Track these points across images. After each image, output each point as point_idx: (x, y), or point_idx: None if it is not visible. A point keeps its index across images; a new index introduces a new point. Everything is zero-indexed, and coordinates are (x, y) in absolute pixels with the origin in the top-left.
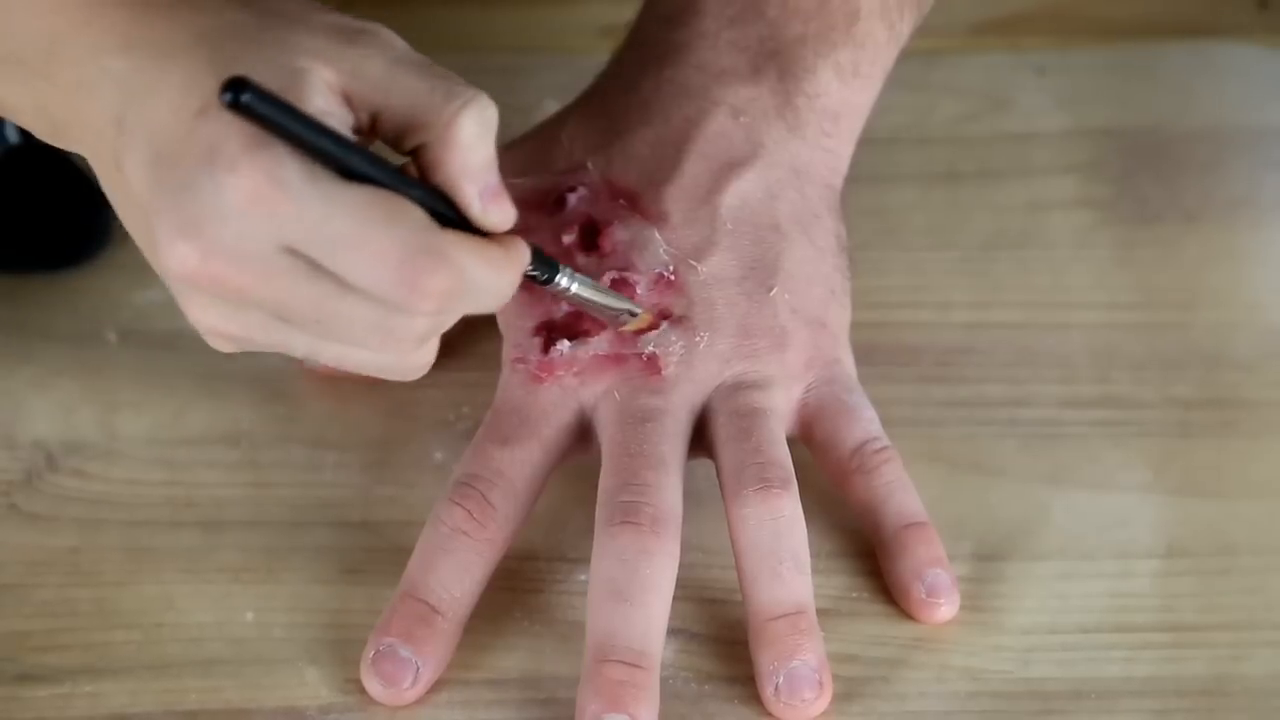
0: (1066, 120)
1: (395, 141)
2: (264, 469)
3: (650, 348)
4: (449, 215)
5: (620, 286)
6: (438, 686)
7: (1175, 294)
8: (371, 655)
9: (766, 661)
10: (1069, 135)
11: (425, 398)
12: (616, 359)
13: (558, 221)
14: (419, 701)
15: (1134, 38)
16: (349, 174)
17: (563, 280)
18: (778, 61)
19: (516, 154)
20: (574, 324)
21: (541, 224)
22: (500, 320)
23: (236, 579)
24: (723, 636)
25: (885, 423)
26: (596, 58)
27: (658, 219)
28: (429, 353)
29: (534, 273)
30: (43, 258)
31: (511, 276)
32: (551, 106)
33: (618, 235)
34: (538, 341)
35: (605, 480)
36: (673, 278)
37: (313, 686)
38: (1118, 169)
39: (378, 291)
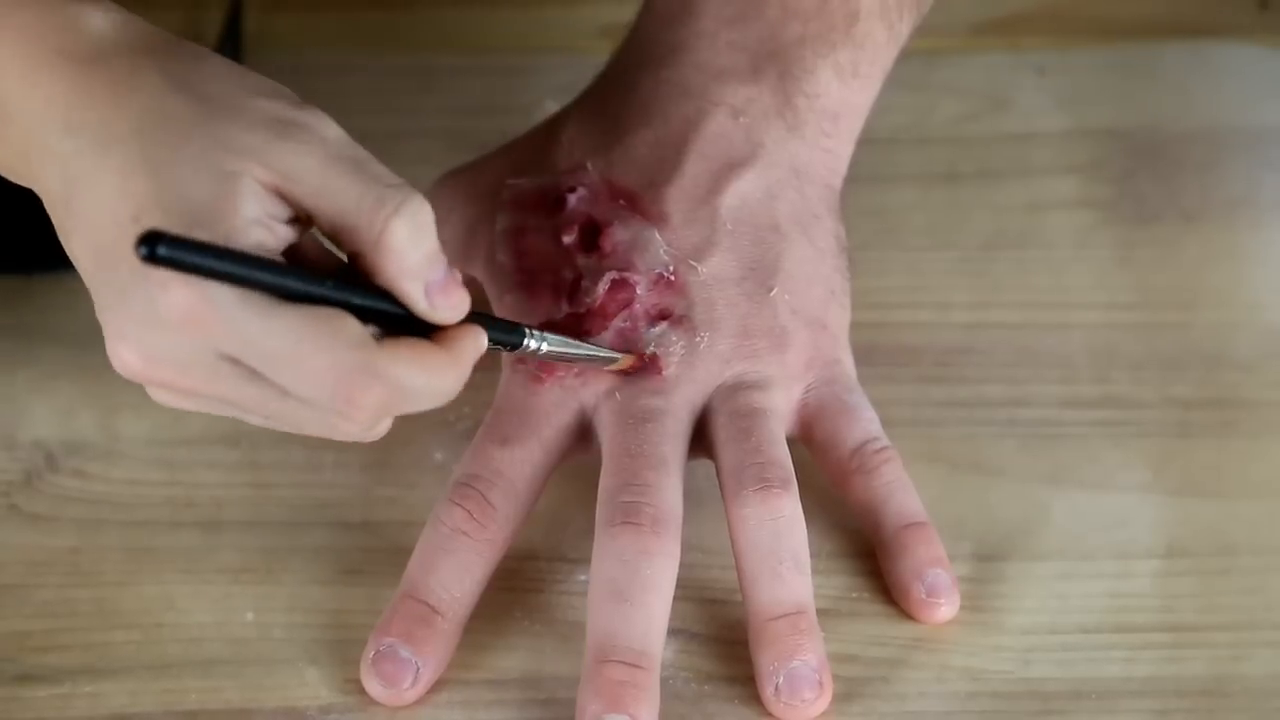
0: (1066, 120)
1: (333, 240)
2: (263, 470)
3: (651, 348)
4: (398, 313)
5: (621, 287)
6: (437, 686)
7: (1175, 294)
8: (372, 655)
9: (767, 661)
10: (1069, 135)
11: None
12: None
13: (558, 222)
14: (419, 702)
15: (1134, 38)
16: (286, 294)
17: (530, 344)
18: (777, 62)
19: (516, 154)
20: (574, 325)
21: (541, 224)
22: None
23: (236, 579)
24: (723, 637)
25: (885, 423)
26: (597, 58)
27: (658, 219)
28: (384, 427)
29: (499, 344)
30: (43, 258)
31: (454, 378)
32: (551, 106)
33: (618, 236)
34: None
35: (606, 480)
36: (673, 278)
37: (313, 687)
38: (1118, 169)
39: (316, 404)
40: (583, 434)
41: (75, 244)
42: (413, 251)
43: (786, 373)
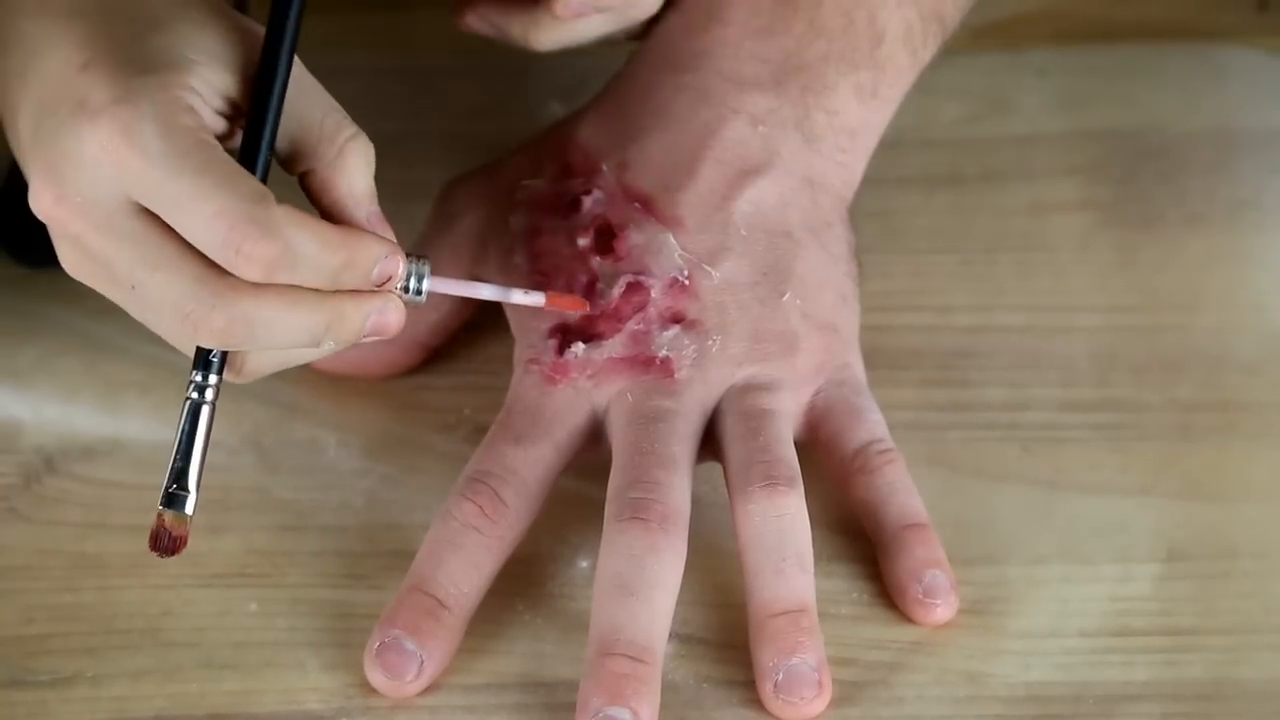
0: (1068, 122)
1: (284, 162)
2: (264, 470)
3: (664, 351)
4: None
5: (636, 290)
6: (438, 682)
7: (1177, 296)
8: (376, 646)
9: (767, 658)
10: (1070, 137)
11: (427, 399)
12: (630, 362)
13: (572, 224)
14: (420, 695)
15: (1134, 39)
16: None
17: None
18: (800, 76)
19: (531, 155)
20: (588, 327)
21: (556, 226)
22: (512, 322)
23: (237, 580)
24: (724, 638)
25: (887, 426)
26: (601, 60)
27: (672, 223)
28: (253, 366)
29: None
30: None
31: (344, 257)
32: (556, 108)
33: (633, 239)
34: (552, 344)
35: (615, 478)
36: (687, 282)
37: (315, 686)
38: (1119, 171)
39: (209, 250)
40: (594, 435)
41: (20, 113)
42: (363, 178)
43: (796, 376)
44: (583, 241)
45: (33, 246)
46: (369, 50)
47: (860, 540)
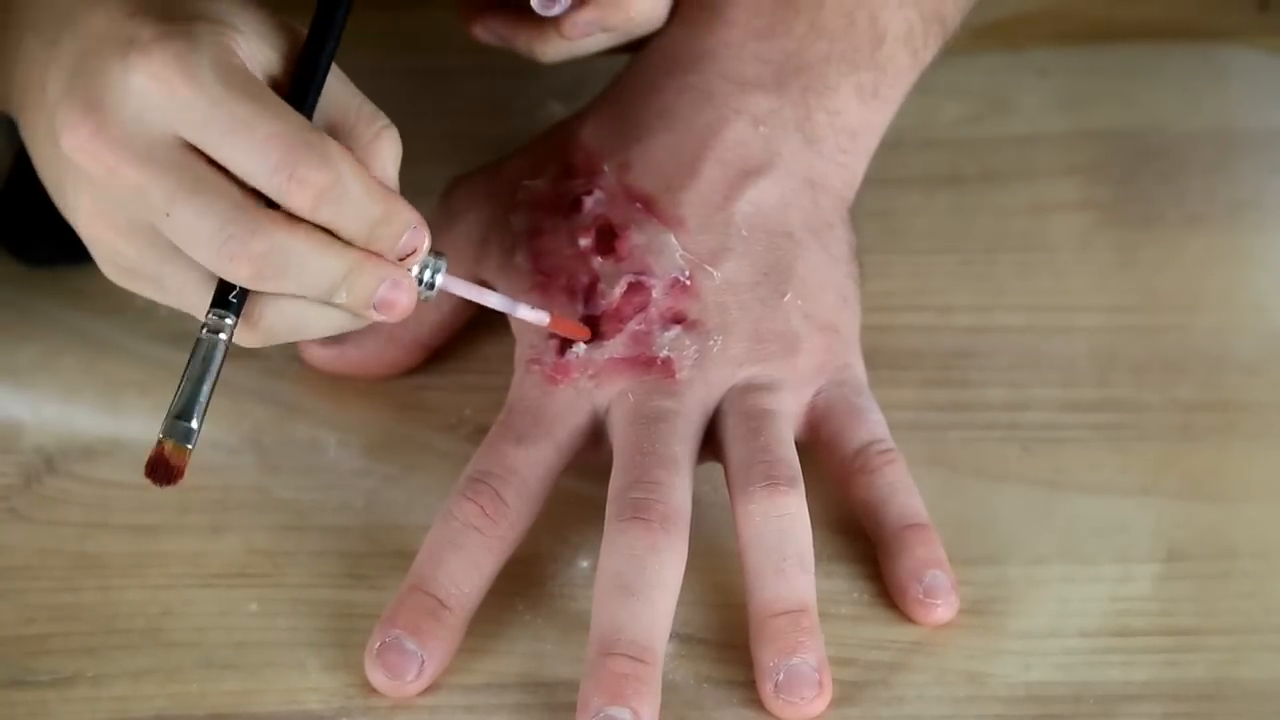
0: (1069, 122)
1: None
2: (265, 470)
3: (665, 352)
4: None
5: (637, 290)
6: (438, 682)
7: (1177, 297)
8: (377, 646)
9: (767, 658)
10: (1071, 137)
11: (428, 399)
12: (631, 362)
13: (574, 224)
14: (421, 695)
15: (1134, 39)
16: None
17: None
18: (801, 77)
19: (532, 155)
20: (591, 327)
21: (558, 226)
22: (513, 322)
23: (238, 580)
24: (724, 638)
25: (887, 426)
26: (602, 61)
27: (674, 224)
28: (275, 323)
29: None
30: (63, 250)
31: (383, 208)
32: (557, 108)
33: (634, 239)
34: (553, 344)
35: (617, 478)
36: (688, 282)
37: (315, 686)
38: (1120, 171)
39: (258, 176)
40: (595, 435)
41: (53, 74)
42: (394, 165)
43: (797, 376)
44: (584, 241)
45: (33, 245)
46: (371, 50)
47: (861, 540)
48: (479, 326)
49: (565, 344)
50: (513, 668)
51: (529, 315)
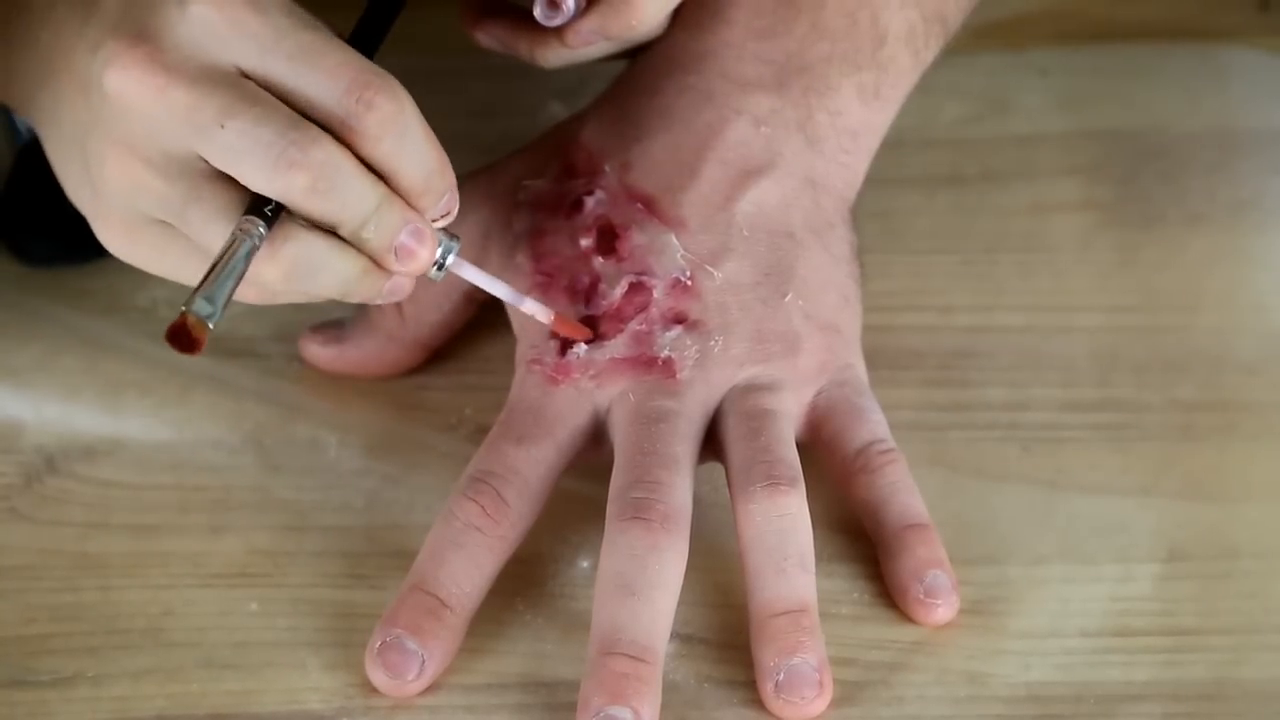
0: (1069, 122)
1: None
2: (266, 470)
3: (666, 351)
4: None
5: (638, 290)
6: (439, 682)
7: (1178, 296)
8: (378, 645)
9: (768, 657)
10: (1072, 137)
11: (428, 399)
12: (633, 362)
13: (575, 224)
14: (421, 695)
15: (1135, 39)
16: None
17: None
18: (802, 77)
19: (533, 155)
20: (591, 327)
21: (559, 226)
22: (515, 322)
23: (238, 580)
24: (725, 638)
25: (888, 426)
26: (602, 62)
27: (675, 224)
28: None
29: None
30: (63, 250)
31: (437, 158)
32: (557, 109)
33: (635, 239)
34: (554, 344)
35: (618, 478)
36: (689, 283)
37: (316, 686)
38: (1120, 171)
39: (325, 100)
40: (596, 435)
41: (94, 26)
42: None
43: (798, 376)
44: (585, 242)
45: (33, 245)
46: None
47: (861, 540)
48: (479, 326)
49: (566, 344)
50: (513, 668)
51: (533, 309)
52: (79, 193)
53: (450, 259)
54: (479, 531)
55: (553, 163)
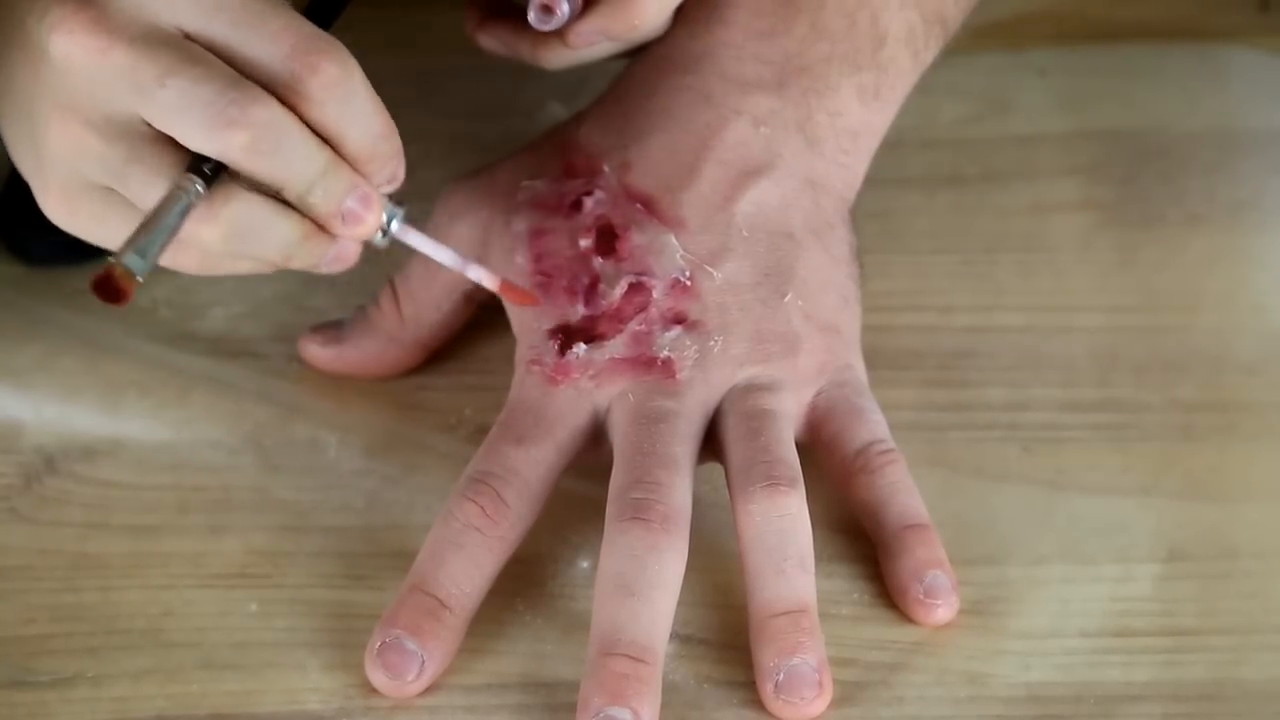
0: (1069, 122)
1: None
2: (265, 471)
3: (666, 352)
4: None
5: (637, 290)
6: (438, 682)
7: (1178, 297)
8: (377, 646)
9: (767, 658)
10: (1071, 137)
11: (427, 400)
12: (632, 363)
13: (574, 225)
14: (421, 696)
15: (1135, 39)
16: None
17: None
18: (802, 78)
19: (532, 155)
20: (590, 327)
21: (558, 227)
22: (514, 322)
23: (238, 580)
24: (724, 639)
25: (888, 426)
26: (602, 62)
27: (674, 224)
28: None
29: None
30: (63, 250)
31: (383, 123)
32: (556, 109)
33: (635, 240)
34: (554, 344)
35: (617, 478)
36: (689, 283)
37: (316, 686)
38: (1120, 171)
39: (269, 62)
40: (596, 436)
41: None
42: None
43: (798, 377)
44: (584, 242)
45: (33, 245)
46: (371, 51)
47: (861, 540)
48: (479, 327)
49: (566, 344)
50: (513, 668)
51: (478, 275)
52: (24, 161)
53: (395, 225)
54: (478, 532)
55: (552, 163)
